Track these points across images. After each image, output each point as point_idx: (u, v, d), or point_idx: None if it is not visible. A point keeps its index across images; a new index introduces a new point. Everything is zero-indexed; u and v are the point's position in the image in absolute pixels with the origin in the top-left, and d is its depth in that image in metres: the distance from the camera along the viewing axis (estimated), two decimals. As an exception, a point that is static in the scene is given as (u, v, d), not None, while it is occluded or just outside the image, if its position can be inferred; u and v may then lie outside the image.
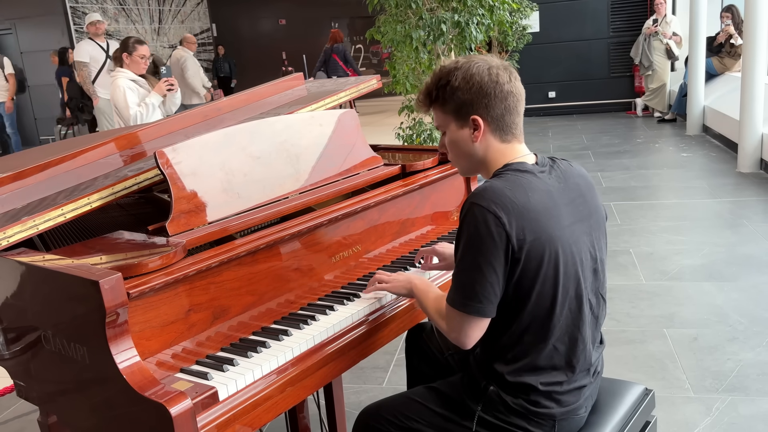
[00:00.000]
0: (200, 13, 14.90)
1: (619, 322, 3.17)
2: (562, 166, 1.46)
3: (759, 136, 5.74)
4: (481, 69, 1.39)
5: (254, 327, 1.52)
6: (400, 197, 1.94)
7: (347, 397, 2.62)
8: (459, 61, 1.43)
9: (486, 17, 5.42)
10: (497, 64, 1.42)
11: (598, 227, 1.46)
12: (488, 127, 1.41)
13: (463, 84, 1.40)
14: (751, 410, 2.39)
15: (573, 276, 1.37)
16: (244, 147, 1.72)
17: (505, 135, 1.43)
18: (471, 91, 1.39)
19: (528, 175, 1.38)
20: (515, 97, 1.42)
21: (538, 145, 7.94)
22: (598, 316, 1.46)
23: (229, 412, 1.26)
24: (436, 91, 1.45)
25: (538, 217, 1.32)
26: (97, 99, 6.79)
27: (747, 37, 5.77)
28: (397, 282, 1.61)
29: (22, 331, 1.47)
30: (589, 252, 1.42)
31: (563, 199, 1.39)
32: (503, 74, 1.40)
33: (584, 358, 1.42)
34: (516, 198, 1.32)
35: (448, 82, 1.42)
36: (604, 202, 1.54)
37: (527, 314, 1.36)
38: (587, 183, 1.48)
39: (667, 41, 8.59)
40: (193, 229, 1.54)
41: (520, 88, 1.43)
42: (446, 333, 1.42)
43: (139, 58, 4.04)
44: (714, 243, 4.10)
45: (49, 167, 1.73)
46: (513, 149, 1.44)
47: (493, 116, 1.41)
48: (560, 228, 1.35)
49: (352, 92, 2.29)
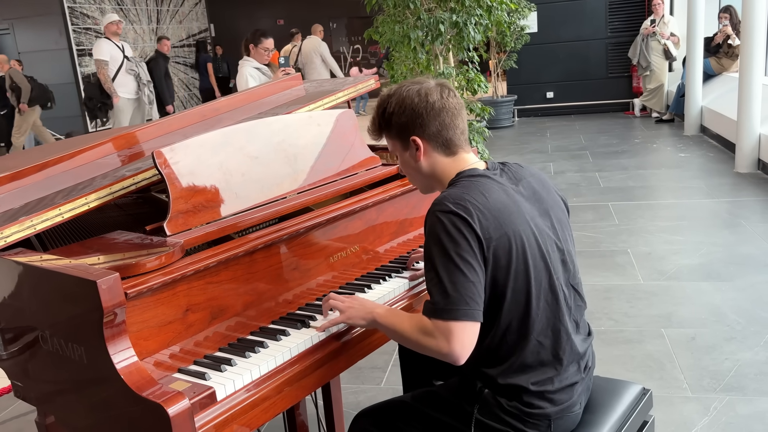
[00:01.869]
0: (198, 13, 14.89)
1: (617, 322, 3.17)
2: (513, 167, 1.50)
3: (756, 136, 5.75)
4: (411, 92, 1.46)
5: (252, 327, 1.52)
6: (398, 197, 1.94)
7: (345, 397, 2.62)
8: (393, 88, 1.51)
9: (484, 17, 5.42)
10: (429, 84, 1.48)
11: (559, 220, 1.48)
12: (428, 144, 1.47)
13: (397, 109, 1.47)
14: (749, 410, 2.40)
15: (543, 268, 1.39)
16: (242, 147, 1.72)
17: (447, 149, 1.47)
18: (405, 114, 1.46)
19: (481, 178, 1.42)
20: (450, 112, 1.46)
21: (536, 145, 7.95)
22: (572, 307, 1.46)
23: (226, 412, 1.26)
24: (379, 119, 1.52)
25: (499, 215, 1.34)
26: (117, 98, 6.86)
27: (744, 37, 5.78)
28: (352, 311, 1.48)
29: (20, 332, 1.46)
30: (555, 244, 1.44)
31: (520, 196, 1.43)
32: (433, 93, 1.46)
33: (570, 349, 1.42)
34: (475, 199, 1.35)
35: (385, 110, 1.49)
36: (601, 203, 1.54)
37: (506, 313, 1.36)
38: (540, 180, 1.51)
39: (664, 42, 8.60)
40: (191, 229, 1.54)
41: (456, 102, 1.48)
42: (435, 351, 1.31)
43: (262, 50, 4.44)
44: (712, 243, 4.11)
45: (47, 167, 1.73)
46: (461, 160, 1.48)
47: (429, 134, 1.46)
48: (523, 222, 1.37)
49: (350, 92, 2.29)
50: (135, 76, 6.94)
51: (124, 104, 6.89)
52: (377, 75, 3.60)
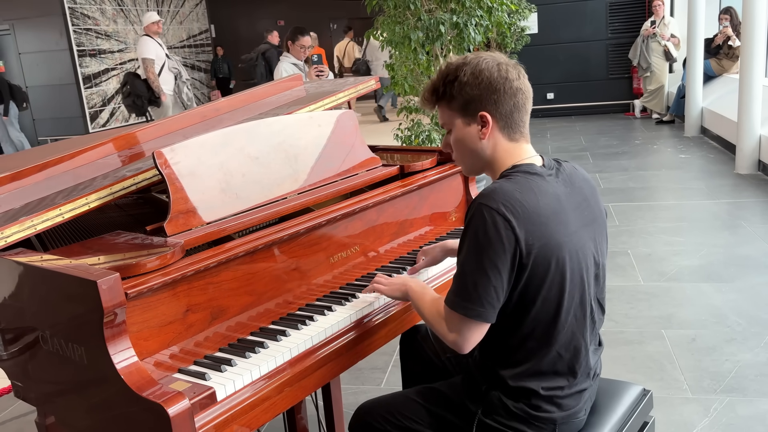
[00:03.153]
0: (199, 14, 14.90)
1: (618, 323, 3.17)
2: (567, 169, 1.44)
3: (757, 137, 5.75)
4: (490, 65, 1.37)
5: (252, 327, 1.52)
6: (399, 198, 1.94)
7: (345, 397, 2.62)
8: (467, 57, 1.41)
9: (484, 18, 5.43)
10: (506, 60, 1.40)
11: (600, 232, 1.44)
12: (497, 124, 1.39)
13: (472, 79, 1.37)
14: (749, 411, 2.40)
15: (579, 283, 1.36)
16: (243, 147, 1.72)
17: (513, 133, 1.40)
18: (480, 87, 1.36)
19: (537, 177, 1.36)
20: (524, 95, 1.40)
21: (536, 146, 7.86)
22: (596, 321, 1.45)
23: (227, 413, 1.26)
24: (443, 88, 1.41)
25: (547, 222, 1.30)
26: (165, 95, 6.96)
27: (745, 38, 5.78)
28: (392, 285, 1.58)
29: (20, 332, 1.46)
30: (593, 257, 1.40)
31: (570, 203, 1.37)
32: (512, 71, 1.38)
33: (585, 364, 1.42)
34: (526, 201, 1.29)
35: (456, 78, 1.39)
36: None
37: (531, 320, 1.34)
38: (591, 187, 1.47)
39: (665, 43, 8.61)
40: (192, 230, 1.54)
41: (529, 87, 1.42)
42: (443, 336, 1.37)
43: (299, 47, 4.61)
44: (712, 244, 4.11)
45: (48, 167, 1.73)
46: (521, 149, 1.42)
47: (501, 113, 1.38)
48: (567, 234, 1.33)
49: (350, 93, 2.29)
50: (176, 74, 7.10)
51: (169, 101, 7.04)
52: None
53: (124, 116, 12.76)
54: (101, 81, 12.25)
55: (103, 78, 12.30)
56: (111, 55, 12.48)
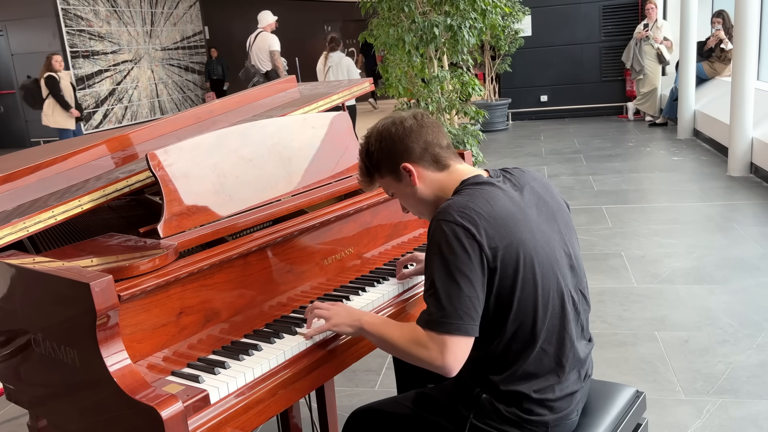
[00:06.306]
0: (193, 15, 14.87)
1: (611, 325, 3.18)
2: (515, 173, 1.49)
3: (749, 139, 5.78)
4: (387, 125, 1.48)
5: (246, 330, 1.51)
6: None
7: (339, 400, 2.62)
8: (368, 129, 1.52)
9: (478, 21, 5.44)
10: (402, 114, 1.50)
11: (565, 224, 1.47)
12: (419, 166, 1.46)
13: (378, 144, 1.48)
14: (742, 412, 2.41)
15: (552, 276, 1.38)
16: (236, 149, 1.72)
17: (439, 164, 1.47)
18: (387, 147, 1.47)
19: (486, 186, 1.40)
20: (429, 129, 1.48)
21: (530, 148, 7.97)
22: (580, 312, 1.46)
23: (220, 416, 1.26)
24: (366, 164, 1.52)
25: (505, 223, 1.33)
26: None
27: (737, 41, 5.82)
28: (338, 318, 1.45)
29: (12, 334, 1.46)
30: (562, 249, 1.43)
31: (526, 203, 1.41)
32: (408, 119, 1.48)
33: (573, 356, 1.42)
34: (480, 208, 1.33)
35: (368, 151, 1.50)
36: (595, 206, 1.55)
37: (512, 322, 1.35)
38: (543, 184, 1.50)
39: (658, 46, 8.65)
40: (185, 232, 1.54)
41: (432, 120, 1.50)
42: (427, 362, 1.31)
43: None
44: (705, 246, 4.13)
45: (41, 169, 1.72)
46: (456, 171, 1.47)
47: (417, 155, 1.46)
48: (529, 231, 1.36)
49: (344, 95, 2.29)
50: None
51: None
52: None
53: (117, 118, 12.72)
54: (94, 83, 12.21)
55: (96, 79, 12.25)
56: (104, 57, 12.44)
